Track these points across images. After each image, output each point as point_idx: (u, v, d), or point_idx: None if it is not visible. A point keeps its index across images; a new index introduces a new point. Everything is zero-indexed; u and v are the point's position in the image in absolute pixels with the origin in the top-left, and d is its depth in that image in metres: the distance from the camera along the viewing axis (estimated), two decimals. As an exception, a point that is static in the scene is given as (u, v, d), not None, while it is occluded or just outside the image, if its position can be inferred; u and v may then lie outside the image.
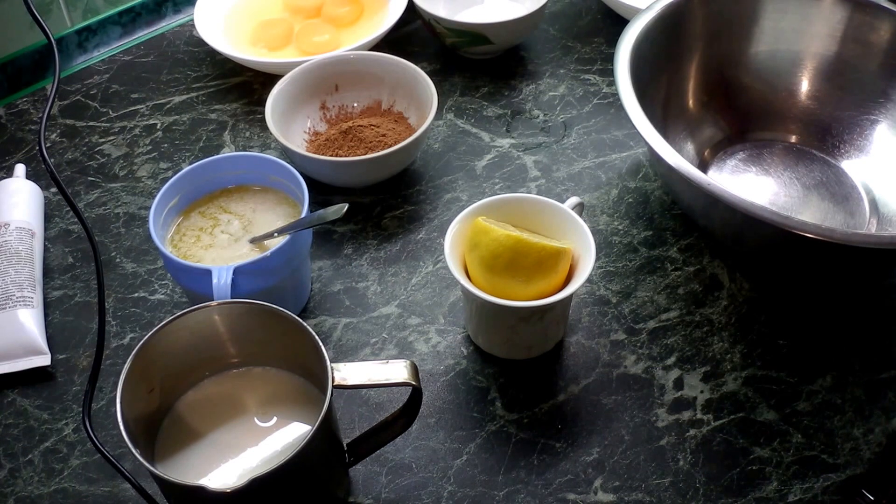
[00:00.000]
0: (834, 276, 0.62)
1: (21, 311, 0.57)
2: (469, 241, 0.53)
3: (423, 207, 0.67)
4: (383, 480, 0.52)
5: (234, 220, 0.59)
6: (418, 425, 0.54)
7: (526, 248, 0.51)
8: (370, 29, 0.80)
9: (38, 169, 0.70)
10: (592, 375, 0.56)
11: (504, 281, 0.52)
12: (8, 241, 0.61)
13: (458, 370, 0.57)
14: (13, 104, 0.77)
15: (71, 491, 0.52)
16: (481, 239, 0.52)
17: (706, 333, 0.58)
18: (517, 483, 0.51)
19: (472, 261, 0.53)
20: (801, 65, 0.71)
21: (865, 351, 0.57)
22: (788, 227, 0.52)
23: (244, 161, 0.60)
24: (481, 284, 0.52)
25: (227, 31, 0.81)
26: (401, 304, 0.61)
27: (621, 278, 0.62)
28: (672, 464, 0.52)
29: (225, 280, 0.51)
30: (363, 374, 0.45)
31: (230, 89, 0.78)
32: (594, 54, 0.81)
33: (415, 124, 0.70)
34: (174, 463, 0.46)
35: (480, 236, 0.52)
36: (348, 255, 0.64)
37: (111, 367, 0.57)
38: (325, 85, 0.72)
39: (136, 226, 0.67)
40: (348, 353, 0.58)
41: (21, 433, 0.54)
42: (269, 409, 0.48)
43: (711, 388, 0.55)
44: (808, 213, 0.66)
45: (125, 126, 0.75)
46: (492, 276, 0.52)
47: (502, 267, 0.51)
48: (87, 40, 0.85)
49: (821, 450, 0.53)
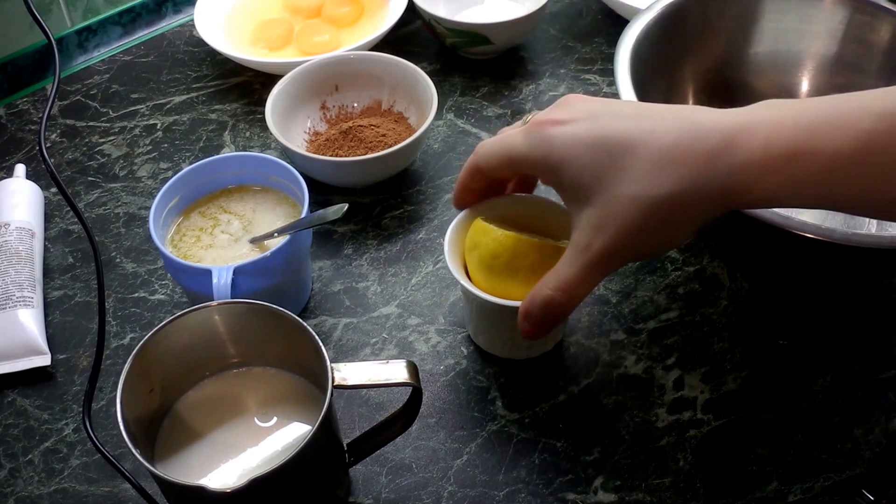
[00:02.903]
0: (834, 276, 0.62)
1: (21, 311, 0.57)
2: (469, 241, 0.53)
3: (423, 207, 0.67)
4: (383, 480, 0.52)
5: (234, 220, 0.59)
6: (418, 425, 0.54)
7: (526, 248, 0.51)
8: (370, 29, 0.80)
9: (38, 169, 0.70)
10: (592, 375, 0.56)
11: (504, 281, 0.51)
12: (8, 241, 0.61)
13: (458, 370, 0.57)
14: (13, 104, 0.77)
15: (71, 491, 0.52)
16: (481, 239, 0.52)
17: (706, 333, 0.58)
18: (518, 483, 0.51)
19: (471, 261, 0.53)
20: (801, 65, 0.71)
21: (865, 351, 0.57)
22: (788, 227, 0.52)
23: (244, 161, 0.60)
24: (481, 284, 0.52)
25: (228, 31, 0.81)
26: (401, 304, 0.61)
27: (621, 278, 0.62)
28: (672, 464, 0.52)
29: (225, 280, 0.51)
30: (363, 374, 0.45)
31: (230, 89, 0.78)
32: (594, 54, 0.81)
33: (415, 124, 0.70)
34: (174, 463, 0.46)
35: (480, 236, 0.52)
36: (348, 255, 0.64)
37: (111, 367, 0.57)
38: (325, 85, 0.72)
39: (136, 226, 0.67)
40: (348, 353, 0.58)
41: (21, 433, 0.54)
42: (269, 409, 0.48)
43: (711, 388, 0.55)
44: (808, 213, 0.66)
45: (125, 126, 0.75)
46: (492, 276, 0.52)
47: (502, 267, 0.51)
48: (88, 40, 0.85)
49: (821, 450, 0.53)
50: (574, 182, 0.44)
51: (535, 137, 0.45)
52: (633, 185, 0.42)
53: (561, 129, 0.44)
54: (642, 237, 0.43)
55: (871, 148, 0.39)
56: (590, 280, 0.45)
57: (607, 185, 0.42)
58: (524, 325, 0.47)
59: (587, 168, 0.43)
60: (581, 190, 0.44)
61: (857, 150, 0.39)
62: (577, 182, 0.44)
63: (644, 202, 0.41)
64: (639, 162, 0.42)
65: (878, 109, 0.39)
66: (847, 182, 0.40)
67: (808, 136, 0.40)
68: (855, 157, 0.39)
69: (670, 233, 0.44)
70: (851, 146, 0.39)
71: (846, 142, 0.39)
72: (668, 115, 0.43)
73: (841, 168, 0.39)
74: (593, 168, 0.43)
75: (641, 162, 0.42)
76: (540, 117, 0.46)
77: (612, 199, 0.42)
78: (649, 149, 0.42)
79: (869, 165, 0.39)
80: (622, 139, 0.42)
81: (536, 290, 0.46)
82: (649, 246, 0.44)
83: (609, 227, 0.43)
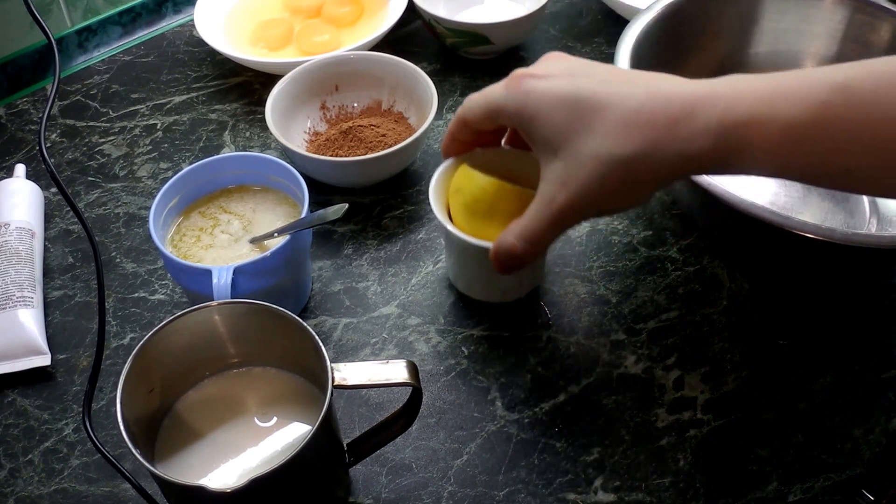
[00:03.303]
0: (834, 276, 0.62)
1: (21, 311, 0.57)
2: (453, 185, 0.56)
3: (423, 207, 0.67)
4: (383, 480, 0.52)
5: (234, 220, 0.59)
6: (418, 425, 0.54)
7: (506, 194, 0.53)
8: (370, 29, 0.80)
9: (38, 169, 0.70)
10: (592, 375, 0.56)
11: (483, 224, 0.54)
12: (8, 241, 0.61)
13: (458, 370, 0.57)
14: (13, 104, 0.77)
15: (71, 491, 0.52)
16: (464, 183, 0.54)
17: (706, 333, 0.58)
18: (517, 483, 0.51)
19: (454, 204, 0.55)
20: (801, 65, 0.71)
21: (865, 351, 0.57)
22: (788, 227, 0.52)
23: (244, 161, 0.60)
24: (462, 227, 0.55)
25: (228, 32, 0.81)
26: (401, 304, 0.61)
27: (621, 278, 0.62)
28: (672, 464, 0.52)
29: (225, 280, 0.51)
30: (363, 374, 0.45)
31: (230, 89, 0.78)
32: (594, 54, 0.81)
33: (415, 124, 0.70)
34: (174, 463, 0.46)
35: (464, 181, 0.54)
36: (348, 255, 0.64)
37: (111, 367, 0.57)
38: (325, 85, 0.72)
39: (136, 226, 0.67)
40: (348, 353, 0.58)
41: (21, 433, 0.54)
42: (269, 409, 0.48)
43: (711, 388, 0.55)
44: (808, 213, 0.66)
45: (125, 126, 0.75)
46: (472, 219, 0.54)
47: (482, 211, 0.54)
48: (88, 40, 0.85)
49: (821, 450, 0.53)
50: (544, 136, 0.46)
51: (512, 90, 0.47)
52: (597, 144, 0.44)
53: (537, 82, 0.46)
54: (603, 195, 0.44)
55: (825, 118, 0.40)
56: (551, 232, 0.47)
57: (574, 142, 0.44)
58: (494, 263, 0.49)
59: (557, 124, 0.45)
60: (550, 144, 0.45)
61: (812, 119, 0.40)
62: (547, 136, 0.46)
63: (606, 161, 0.43)
64: (605, 122, 0.43)
65: (833, 81, 0.40)
66: (802, 151, 0.41)
67: (766, 106, 0.41)
68: (809, 127, 0.40)
69: (629, 192, 0.45)
70: (806, 116, 0.40)
71: (801, 111, 0.40)
72: (639, 80, 0.45)
73: (796, 137, 0.41)
74: (562, 124, 0.45)
75: (607, 123, 0.43)
76: (520, 71, 0.48)
77: (577, 156, 0.44)
78: (616, 111, 0.43)
79: (823, 135, 0.40)
80: (592, 99, 0.44)
81: (502, 236, 0.48)
82: (609, 204, 0.46)
83: (572, 183, 0.45)
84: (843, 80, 0.40)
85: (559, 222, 0.46)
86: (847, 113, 0.40)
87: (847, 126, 0.40)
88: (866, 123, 0.40)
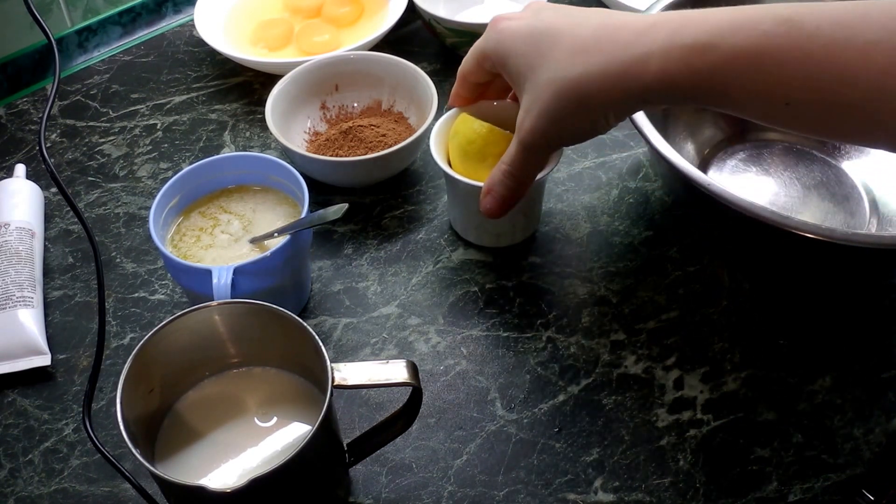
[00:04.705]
0: (834, 276, 0.62)
1: (21, 311, 0.57)
2: (452, 129, 0.60)
3: (423, 207, 0.67)
4: (383, 480, 0.52)
5: (234, 220, 0.59)
6: (418, 425, 0.54)
7: (497, 137, 0.57)
8: (370, 29, 0.80)
9: (38, 169, 0.70)
10: (592, 375, 0.56)
11: (476, 165, 0.58)
12: (8, 241, 0.61)
13: (458, 370, 0.57)
14: (13, 104, 0.78)
15: (71, 491, 0.52)
16: (461, 127, 0.58)
17: (706, 333, 0.58)
18: (517, 483, 0.51)
19: (452, 147, 0.59)
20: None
21: (865, 351, 0.57)
22: (788, 227, 0.52)
23: (244, 161, 0.60)
24: (458, 168, 0.59)
25: (227, 31, 0.81)
26: (401, 304, 0.61)
27: (621, 278, 0.62)
28: (672, 464, 0.52)
29: (225, 280, 0.51)
30: (363, 374, 0.45)
31: (230, 89, 0.78)
32: (594, 54, 0.81)
33: (415, 124, 0.70)
34: (174, 463, 0.46)
35: (461, 125, 0.58)
36: (348, 255, 0.64)
37: (111, 367, 0.57)
38: (325, 85, 0.72)
39: (136, 226, 0.67)
40: (348, 353, 0.58)
41: (21, 433, 0.54)
42: (269, 409, 0.48)
43: (711, 388, 0.55)
44: (808, 213, 0.66)
45: (125, 126, 0.75)
46: (466, 160, 0.58)
47: (475, 152, 0.57)
48: (88, 40, 0.85)
49: (821, 450, 0.53)
50: (515, 70, 0.49)
51: (489, 33, 0.51)
52: (552, 70, 0.47)
53: (508, 23, 0.50)
54: (561, 117, 0.47)
55: (766, 49, 0.41)
56: (525, 159, 0.50)
57: (535, 71, 0.48)
58: (484, 200, 0.53)
59: (522, 57, 0.48)
60: (520, 77, 0.49)
61: (754, 48, 0.41)
62: (517, 70, 0.49)
63: (556, 84, 0.46)
64: (559, 50, 0.47)
65: (778, 14, 0.41)
66: (743, 80, 0.42)
67: (711, 34, 0.42)
68: (751, 56, 0.41)
69: (584, 115, 0.47)
70: (748, 45, 0.41)
71: (744, 40, 0.41)
72: (596, 14, 0.48)
73: (738, 66, 0.42)
74: (527, 56, 0.48)
75: (560, 50, 0.46)
76: (497, 16, 0.51)
77: (537, 83, 0.47)
78: (569, 39, 0.46)
79: (764, 66, 0.41)
80: (551, 31, 0.47)
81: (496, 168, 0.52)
82: (567, 127, 0.48)
83: (534, 108, 0.48)
84: (789, 14, 0.41)
85: (528, 148, 0.49)
86: (788, 45, 0.41)
87: (787, 59, 0.41)
88: (808, 58, 0.40)
